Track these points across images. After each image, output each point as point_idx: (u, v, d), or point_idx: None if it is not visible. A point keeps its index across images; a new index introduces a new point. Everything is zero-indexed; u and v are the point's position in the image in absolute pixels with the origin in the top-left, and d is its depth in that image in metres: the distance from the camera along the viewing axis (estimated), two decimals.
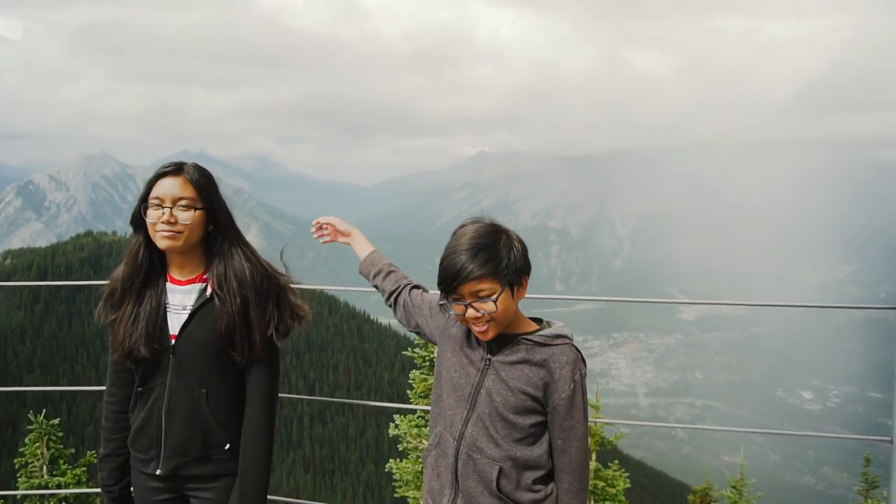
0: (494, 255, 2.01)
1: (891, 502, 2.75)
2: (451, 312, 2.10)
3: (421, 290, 2.54)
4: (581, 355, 2.17)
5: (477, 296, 2.01)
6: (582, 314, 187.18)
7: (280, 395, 2.50)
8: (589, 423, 1.98)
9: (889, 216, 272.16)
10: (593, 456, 7.99)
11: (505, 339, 2.13)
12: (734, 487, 8.49)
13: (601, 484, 8.00)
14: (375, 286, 2.70)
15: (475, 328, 2.08)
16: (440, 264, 2.06)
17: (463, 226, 2.12)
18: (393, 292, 2.56)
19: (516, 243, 2.08)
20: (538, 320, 2.21)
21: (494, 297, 2.00)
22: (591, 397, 10.50)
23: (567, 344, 2.12)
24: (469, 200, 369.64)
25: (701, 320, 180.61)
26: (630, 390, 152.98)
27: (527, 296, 2.14)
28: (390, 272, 2.64)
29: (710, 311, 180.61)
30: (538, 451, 2.14)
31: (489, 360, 2.15)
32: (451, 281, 2.01)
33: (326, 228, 2.77)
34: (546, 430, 2.15)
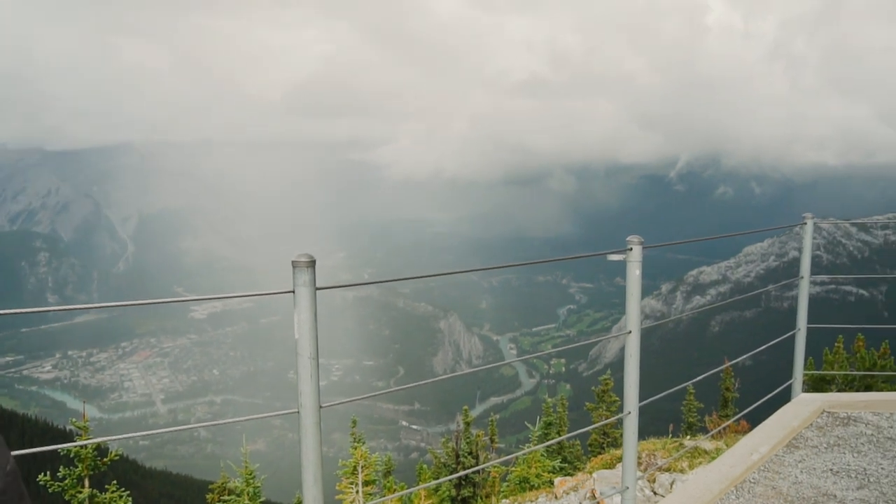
0: None
1: (302, 464, 2.88)
2: None
3: None
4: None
5: None
6: (83, 327, 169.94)
7: None
8: (72, 447, 1.08)
9: (366, 208, 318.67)
10: (86, 482, 7.10)
11: None
12: (244, 477, 9.01)
13: None
14: None
15: None
16: None
17: None
18: None
19: None
20: None
21: None
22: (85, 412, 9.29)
23: None
24: None
25: (213, 317, 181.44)
26: (146, 400, 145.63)
27: (3, 311, 1.12)
28: None
29: (221, 307, 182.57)
30: None
31: None
32: None
33: None
34: None
